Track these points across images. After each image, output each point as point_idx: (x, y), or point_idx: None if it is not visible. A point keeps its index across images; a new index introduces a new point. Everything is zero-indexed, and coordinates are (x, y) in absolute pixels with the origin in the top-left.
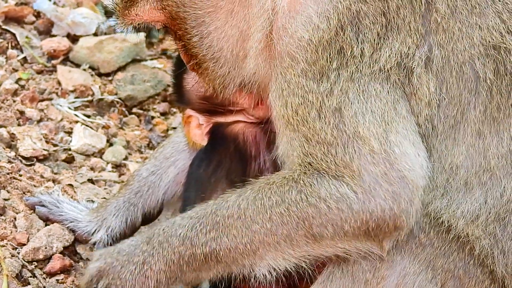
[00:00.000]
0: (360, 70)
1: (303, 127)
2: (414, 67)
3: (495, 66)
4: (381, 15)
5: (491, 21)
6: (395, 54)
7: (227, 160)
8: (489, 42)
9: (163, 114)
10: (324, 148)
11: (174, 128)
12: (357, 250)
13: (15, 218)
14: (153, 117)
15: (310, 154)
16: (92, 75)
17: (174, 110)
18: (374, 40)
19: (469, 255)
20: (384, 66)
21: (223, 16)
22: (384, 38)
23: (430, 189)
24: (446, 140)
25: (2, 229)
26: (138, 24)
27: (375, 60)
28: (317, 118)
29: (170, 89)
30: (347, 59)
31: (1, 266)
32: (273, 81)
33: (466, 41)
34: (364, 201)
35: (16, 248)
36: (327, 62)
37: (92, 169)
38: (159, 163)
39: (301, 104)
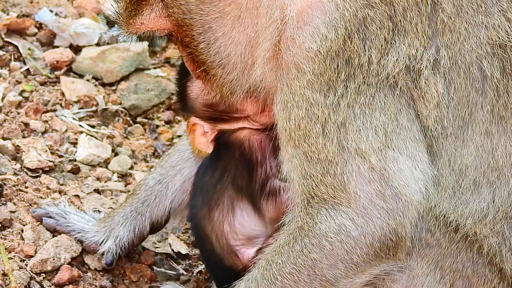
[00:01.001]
0: (367, 80)
1: (304, 143)
2: (422, 70)
3: (501, 65)
4: (387, 19)
5: (497, 19)
6: (403, 57)
7: (233, 167)
8: (495, 41)
9: (168, 122)
10: (323, 167)
11: (179, 136)
12: (378, 275)
13: (22, 230)
14: (157, 126)
15: (310, 176)
16: (95, 85)
17: (179, 118)
18: (382, 46)
19: (477, 254)
20: (392, 71)
21: (230, 22)
22: (391, 43)
23: (437, 191)
24: (456, 141)
25: (9, 241)
26: (143, 33)
27: (383, 66)
28: (321, 134)
29: (174, 98)
30: (355, 69)
31: (9, 278)
32: (279, 92)
33: (473, 41)
34: (362, 226)
35: (24, 260)
36: (334, 73)
37: (98, 179)
38: (165, 172)
39: (305, 117)
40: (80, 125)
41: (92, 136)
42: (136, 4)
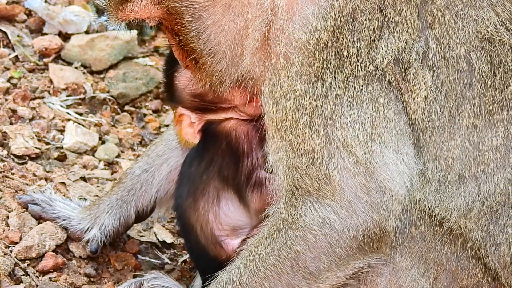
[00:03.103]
0: (356, 72)
1: (291, 134)
2: (411, 62)
3: (489, 59)
4: (377, 10)
5: (486, 13)
6: (392, 49)
7: (219, 157)
8: (484, 35)
9: (155, 111)
10: (309, 159)
11: (167, 125)
12: (362, 268)
13: (7, 217)
14: (145, 115)
15: (295, 168)
16: (84, 73)
17: (167, 107)
18: (371, 37)
19: (461, 248)
20: (380, 63)
21: (221, 10)
22: (380, 35)
23: (423, 185)
24: (442, 135)
25: None
26: (132, 20)
27: (372, 57)
28: (308, 125)
29: (162, 88)
30: (343, 61)
31: None
32: (267, 82)
33: (462, 34)
34: (346, 219)
35: (9, 247)
36: (323, 64)
37: (84, 167)
38: (152, 161)
39: (292, 108)
40: (68, 113)
41: (79, 123)
42: None
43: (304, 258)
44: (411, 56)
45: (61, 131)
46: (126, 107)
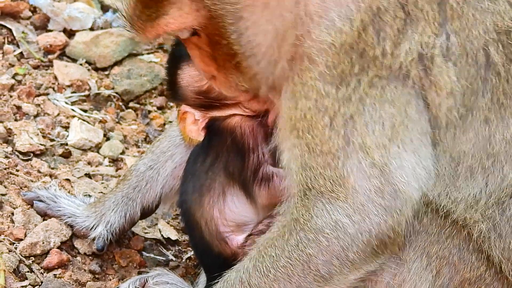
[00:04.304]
0: (380, 73)
1: (308, 134)
2: (434, 57)
3: (505, 52)
4: (400, 9)
5: (502, 5)
6: (415, 46)
7: (225, 154)
8: (501, 27)
9: (160, 108)
10: (325, 159)
11: (171, 122)
12: (373, 271)
13: (12, 213)
14: (150, 111)
15: (310, 168)
16: (88, 69)
17: (171, 104)
18: (395, 36)
19: (464, 241)
20: (404, 61)
21: (260, 10)
22: (403, 32)
23: (434, 179)
24: (457, 129)
25: None
26: (164, 35)
27: (396, 56)
28: (328, 126)
29: (165, 86)
30: (368, 62)
31: None
32: (289, 81)
33: (480, 27)
34: (359, 223)
35: (14, 243)
36: (348, 66)
37: (89, 163)
38: (157, 158)
39: (313, 108)
40: (72, 109)
41: (84, 120)
42: (157, 5)
43: (316, 261)
44: (434, 51)
45: (66, 128)
46: (131, 104)
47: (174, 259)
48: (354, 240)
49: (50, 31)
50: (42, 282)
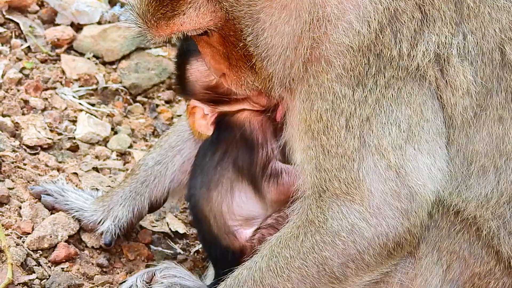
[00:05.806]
0: (397, 74)
1: (324, 136)
2: (450, 57)
3: None
4: (417, 9)
5: None
6: (432, 46)
7: (234, 149)
8: None
9: (168, 102)
10: (340, 161)
11: (179, 115)
12: (388, 271)
13: (20, 207)
14: (157, 105)
15: (324, 170)
16: (96, 63)
17: (179, 98)
18: (412, 37)
19: (474, 237)
20: (421, 61)
21: (278, 11)
22: (420, 33)
23: (447, 179)
24: (471, 128)
25: (6, 218)
26: (178, 34)
27: (413, 57)
28: (344, 127)
29: (173, 80)
30: (385, 63)
31: (5, 255)
32: (304, 83)
33: (496, 25)
34: (375, 226)
35: (21, 237)
36: (365, 68)
37: (96, 157)
38: (165, 152)
39: (329, 110)
40: (80, 103)
41: (91, 114)
42: (173, 4)
43: (332, 264)
44: (451, 51)
45: (73, 122)
46: (139, 98)
47: (182, 252)
48: (370, 243)
49: (58, 25)
50: (49, 276)
